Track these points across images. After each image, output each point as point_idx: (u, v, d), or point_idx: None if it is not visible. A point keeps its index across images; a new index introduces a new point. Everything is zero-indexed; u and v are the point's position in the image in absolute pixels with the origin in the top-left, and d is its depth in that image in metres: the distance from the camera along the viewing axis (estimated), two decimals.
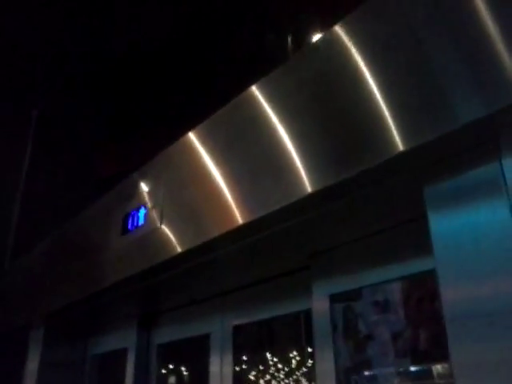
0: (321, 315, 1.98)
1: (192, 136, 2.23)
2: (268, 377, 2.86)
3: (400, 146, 1.38)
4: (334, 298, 1.98)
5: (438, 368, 1.76)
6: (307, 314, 2.28)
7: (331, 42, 1.68)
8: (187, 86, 4.28)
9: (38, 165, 4.31)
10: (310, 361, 2.53)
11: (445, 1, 1.40)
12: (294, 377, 2.75)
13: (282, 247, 2.12)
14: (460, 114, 1.28)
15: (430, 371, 1.77)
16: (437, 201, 1.40)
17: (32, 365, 3.39)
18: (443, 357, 1.65)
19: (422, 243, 1.52)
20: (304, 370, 2.68)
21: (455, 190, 1.37)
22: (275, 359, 2.86)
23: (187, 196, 2.19)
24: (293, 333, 2.63)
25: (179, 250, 2.14)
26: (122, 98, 4.53)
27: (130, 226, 2.50)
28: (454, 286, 1.31)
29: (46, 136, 4.42)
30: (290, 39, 4.03)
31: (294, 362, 2.73)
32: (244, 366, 2.78)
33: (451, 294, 1.31)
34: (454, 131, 1.29)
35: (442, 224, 1.36)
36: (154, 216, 2.34)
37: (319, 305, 2.00)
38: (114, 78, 4.47)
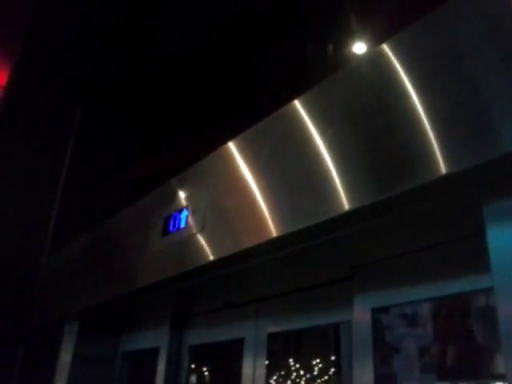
0: (362, 327, 1.95)
1: (232, 145, 2.27)
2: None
3: (443, 168, 1.36)
4: (375, 312, 1.95)
5: None
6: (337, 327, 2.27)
7: (377, 59, 1.68)
8: (229, 96, 4.32)
9: (79, 162, 4.40)
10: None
11: (499, 23, 1.38)
12: None
13: (321, 259, 2.12)
14: None
15: None
16: (497, 218, 1.37)
17: (65, 358, 3.45)
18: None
19: (475, 261, 1.49)
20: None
21: None
22: (308, 368, 2.84)
23: (226, 204, 2.23)
24: (330, 343, 2.61)
25: (216, 256, 2.17)
26: (164, 103, 4.60)
27: (171, 228, 2.53)
28: None
29: (89, 134, 4.52)
30: (331, 51, 4.03)
31: (327, 372, 2.71)
32: (277, 373, 2.77)
33: (509, 312, 1.28)
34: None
35: (502, 241, 1.33)
36: (194, 220, 2.36)
37: (360, 317, 1.97)
38: (158, 83, 4.55)
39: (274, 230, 1.89)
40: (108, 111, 4.60)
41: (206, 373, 3.33)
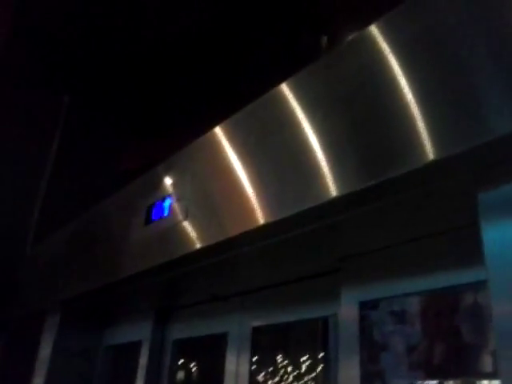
0: (349, 322, 1.88)
1: (218, 131, 2.19)
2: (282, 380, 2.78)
3: (433, 153, 1.30)
4: (363, 305, 1.88)
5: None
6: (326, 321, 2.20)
7: (366, 42, 1.61)
8: (216, 81, 4.25)
9: (65, 151, 4.31)
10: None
11: (486, 3, 1.31)
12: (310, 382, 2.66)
13: (308, 249, 2.05)
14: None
15: None
16: (492, 208, 1.30)
17: (45, 351, 3.36)
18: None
19: (468, 253, 1.42)
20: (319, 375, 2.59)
21: None
22: (292, 363, 2.77)
23: (211, 191, 2.15)
24: (313, 338, 2.54)
25: (200, 245, 2.09)
26: (150, 90, 4.52)
27: (154, 216, 2.45)
28: (508, 298, 1.20)
29: (76, 123, 4.42)
30: (325, 39, 3.96)
31: (313, 367, 2.64)
32: (259, 368, 2.69)
33: (503, 307, 1.21)
34: (506, 135, 1.19)
35: (497, 233, 1.26)
36: (179, 208, 2.29)
37: (347, 311, 1.90)
38: (143, 71, 4.46)
39: (260, 218, 1.82)
40: (95, 99, 4.50)
41: (190, 368, 3.25)
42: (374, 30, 1.59)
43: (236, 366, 2.47)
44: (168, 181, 2.45)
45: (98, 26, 4.32)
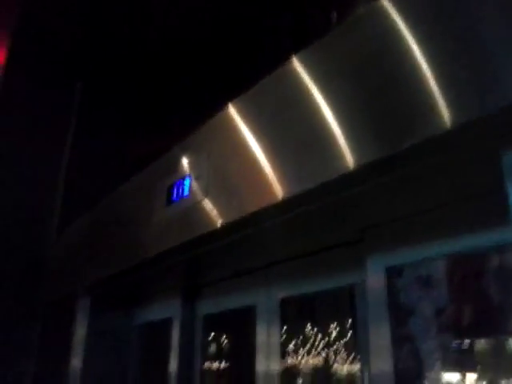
0: (376, 288, 1.89)
1: (232, 107, 2.16)
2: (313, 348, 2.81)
3: (453, 118, 1.27)
4: (389, 271, 1.88)
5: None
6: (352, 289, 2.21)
7: (377, 13, 1.56)
8: (228, 58, 4.19)
9: (82, 136, 4.33)
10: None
11: None
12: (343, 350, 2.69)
13: (329, 221, 2.04)
14: None
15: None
16: None
17: (79, 333, 3.47)
18: None
19: (493, 216, 1.40)
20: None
21: None
22: (321, 331, 2.80)
23: (229, 169, 2.15)
24: (341, 307, 2.55)
25: (222, 222, 2.10)
26: (162, 73, 4.48)
27: (174, 197, 2.46)
28: None
29: (90, 108, 4.43)
30: (334, 15, 3.85)
31: (342, 334, 2.66)
32: (290, 338, 2.73)
33: None
34: None
35: None
36: (198, 187, 2.29)
37: (374, 277, 1.90)
38: (156, 54, 4.42)
39: (279, 193, 1.81)
40: (109, 85, 4.48)
41: (221, 341, 3.32)
42: (384, 1, 1.53)
43: (266, 337, 2.51)
44: (186, 161, 2.44)
45: (109, 13, 4.28)
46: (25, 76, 4.22)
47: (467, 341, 1.79)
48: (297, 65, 1.84)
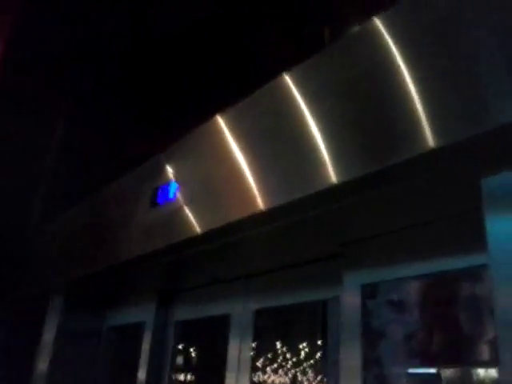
0: (351, 303, 1.91)
1: (220, 118, 2.20)
2: (283, 365, 2.82)
3: (436, 140, 1.31)
4: (365, 289, 1.91)
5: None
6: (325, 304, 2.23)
7: (368, 34, 1.61)
8: (219, 71, 4.24)
9: (70, 136, 4.31)
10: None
11: None
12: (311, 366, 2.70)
13: (309, 235, 2.07)
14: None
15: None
16: (494, 194, 1.31)
17: (49, 333, 3.41)
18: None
19: (469, 237, 1.44)
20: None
21: None
22: (293, 347, 2.81)
23: (214, 177, 2.17)
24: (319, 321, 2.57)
25: (203, 229, 2.12)
26: (156, 78, 4.51)
27: (158, 201, 2.47)
28: (509, 283, 1.22)
29: (80, 109, 4.42)
30: (327, 31, 3.93)
31: (316, 351, 2.68)
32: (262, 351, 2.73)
33: (505, 293, 1.22)
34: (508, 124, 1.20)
35: (499, 218, 1.28)
36: (183, 193, 2.31)
37: (349, 294, 1.93)
38: (148, 57, 4.45)
39: (262, 203, 1.84)
40: (101, 86, 4.48)
41: (193, 349, 3.30)
42: (376, 21, 1.59)
43: (239, 347, 2.50)
44: (173, 166, 2.46)
45: (107, 12, 4.30)
46: (19, 68, 4.20)
47: (435, 368, 1.81)
48: (287, 80, 1.88)
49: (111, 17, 4.31)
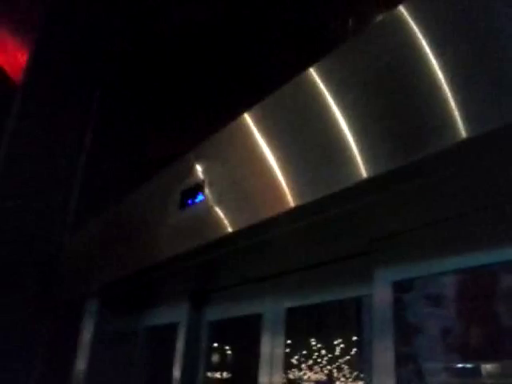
0: (382, 302, 1.89)
1: (248, 116, 2.21)
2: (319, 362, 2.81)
3: (467, 130, 1.28)
4: (396, 285, 1.89)
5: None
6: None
7: (394, 23, 1.58)
8: (244, 67, 4.25)
9: (99, 141, 4.40)
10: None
11: None
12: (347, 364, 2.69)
13: (339, 231, 2.06)
14: None
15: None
16: None
17: (86, 336, 3.49)
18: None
19: (505, 230, 1.40)
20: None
21: None
22: (327, 344, 2.81)
23: (243, 176, 2.17)
24: (352, 319, 2.56)
25: (233, 228, 2.13)
26: (179, 79, 4.56)
27: (187, 202, 2.50)
28: None
29: (108, 114, 4.51)
30: (351, 22, 3.90)
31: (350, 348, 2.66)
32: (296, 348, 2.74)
33: None
34: None
35: None
36: (211, 193, 2.33)
37: (380, 291, 1.91)
38: (172, 60, 4.51)
39: (291, 201, 1.84)
40: (126, 91, 4.58)
41: (226, 349, 3.32)
42: (401, 10, 1.56)
43: (271, 346, 2.51)
44: (201, 166, 2.49)
45: (126, 20, 4.38)
46: (45, 82, 4.31)
47: (474, 363, 1.78)
48: (313, 75, 1.88)
49: (143, 16, 4.37)
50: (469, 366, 1.79)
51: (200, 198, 2.40)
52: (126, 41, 4.53)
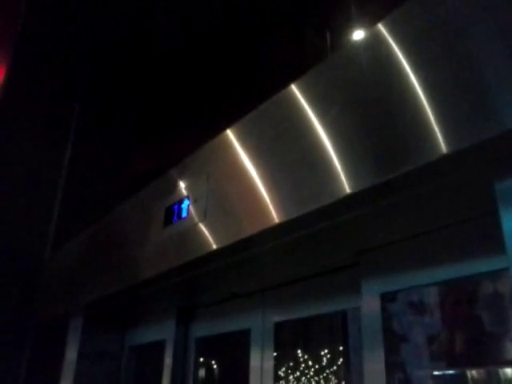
0: (371, 314, 1.90)
1: (231, 133, 2.21)
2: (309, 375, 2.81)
3: (447, 145, 1.31)
4: (384, 296, 1.90)
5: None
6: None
7: (374, 40, 1.62)
8: (225, 83, 4.27)
9: (78, 158, 4.36)
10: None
11: None
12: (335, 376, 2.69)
13: (325, 245, 2.06)
14: None
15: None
16: (510, 196, 1.30)
17: (70, 354, 3.43)
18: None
19: (487, 241, 1.43)
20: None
21: None
22: (314, 357, 2.80)
23: (227, 192, 2.18)
24: (339, 332, 2.56)
25: (219, 245, 2.12)
26: (160, 93, 4.55)
27: (172, 219, 2.48)
28: None
29: (87, 129, 4.47)
30: (328, 37, 3.95)
31: (336, 361, 2.66)
32: (284, 363, 2.73)
33: None
34: None
35: None
36: (196, 209, 2.32)
37: (369, 303, 1.92)
38: (154, 73, 4.50)
39: (276, 217, 1.84)
40: (107, 106, 4.54)
41: (214, 365, 3.29)
42: (381, 28, 1.59)
43: (260, 361, 2.50)
44: (185, 183, 2.47)
45: (106, 32, 4.35)
46: (23, 97, 4.26)
47: (459, 370, 1.80)
48: (295, 91, 1.89)
49: (123, 30, 4.36)
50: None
51: (184, 214, 2.39)
52: (106, 55, 4.50)
